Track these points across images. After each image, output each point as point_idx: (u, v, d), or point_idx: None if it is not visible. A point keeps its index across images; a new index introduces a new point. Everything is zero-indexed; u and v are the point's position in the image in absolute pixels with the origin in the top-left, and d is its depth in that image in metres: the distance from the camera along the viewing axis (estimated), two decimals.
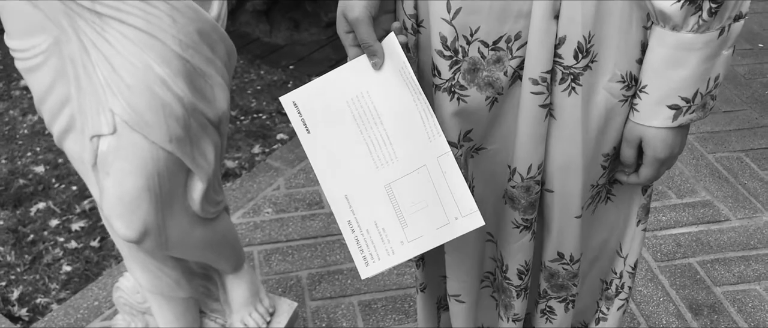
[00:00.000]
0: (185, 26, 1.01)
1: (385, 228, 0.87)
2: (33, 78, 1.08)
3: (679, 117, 0.86)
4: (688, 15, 0.79)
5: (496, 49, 0.86)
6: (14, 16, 1.03)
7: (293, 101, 0.89)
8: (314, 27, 3.32)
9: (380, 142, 0.87)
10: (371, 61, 0.86)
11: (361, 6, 0.84)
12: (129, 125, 1.04)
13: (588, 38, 0.84)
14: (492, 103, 0.91)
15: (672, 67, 0.83)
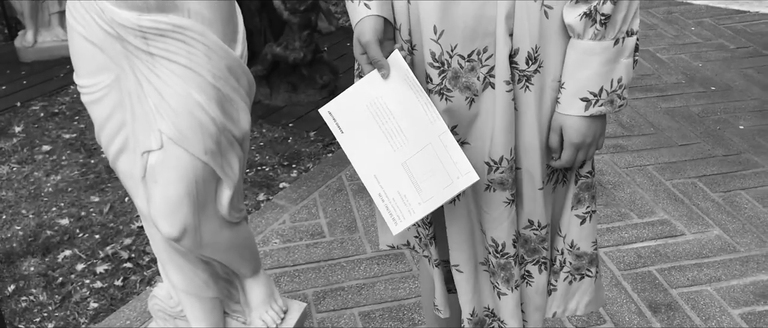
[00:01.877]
0: (218, 62, 1.31)
1: (406, 195, 1.16)
2: (95, 109, 1.37)
3: (590, 108, 1.15)
4: (587, 26, 1.09)
5: (470, 60, 1.15)
6: (84, 59, 1.33)
7: (328, 111, 1.19)
8: (310, 88, 3.64)
9: (395, 132, 1.16)
10: (380, 72, 1.15)
11: (370, 32, 1.14)
12: (173, 141, 1.32)
13: (535, 49, 1.14)
14: (470, 102, 1.19)
15: (580, 67, 1.13)
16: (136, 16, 1.24)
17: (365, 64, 1.17)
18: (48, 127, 3.47)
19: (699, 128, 3.15)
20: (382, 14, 1.16)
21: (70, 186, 2.95)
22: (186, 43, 1.27)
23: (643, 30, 4.31)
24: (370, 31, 1.14)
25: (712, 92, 3.49)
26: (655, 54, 3.97)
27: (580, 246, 1.33)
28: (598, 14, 1.08)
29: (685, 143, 3.02)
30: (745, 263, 2.26)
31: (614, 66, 1.13)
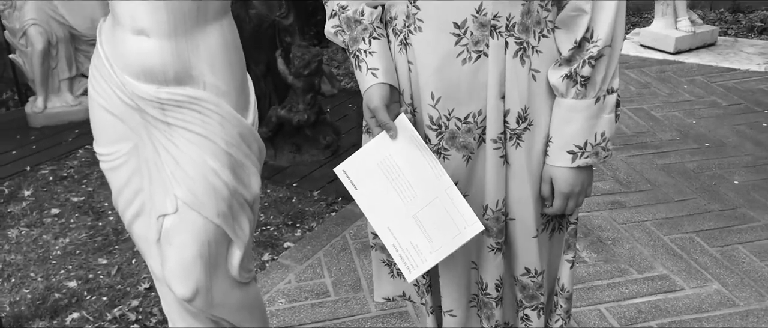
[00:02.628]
0: (231, 130, 1.39)
1: (418, 245, 1.24)
2: (114, 176, 1.45)
3: (577, 160, 1.24)
4: (569, 87, 1.20)
5: (467, 122, 1.25)
6: (104, 129, 1.41)
7: (343, 170, 1.29)
8: (314, 149, 3.73)
9: (405, 187, 1.25)
10: (389, 134, 1.24)
11: (378, 98, 1.24)
12: (188, 205, 1.39)
13: (525, 109, 1.23)
14: (467, 159, 1.28)
15: (565, 123, 1.22)
16: (155, 88, 1.32)
17: (374, 127, 1.27)
18: (57, 191, 3.54)
19: (695, 184, 3.22)
20: (389, 81, 1.26)
21: (78, 249, 3.00)
22: (201, 113, 1.35)
23: (636, 88, 4.43)
24: (377, 97, 1.24)
25: (707, 148, 3.58)
26: (649, 112, 4.07)
27: (568, 289, 1.41)
28: (578, 76, 1.18)
29: (681, 199, 3.08)
30: (744, 318, 2.29)
31: (597, 121, 1.22)
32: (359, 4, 1.28)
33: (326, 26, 1.34)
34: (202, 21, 1.33)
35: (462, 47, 1.20)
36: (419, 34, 1.22)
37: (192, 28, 1.32)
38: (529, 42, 1.21)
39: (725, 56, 4.96)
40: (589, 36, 1.18)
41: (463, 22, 1.18)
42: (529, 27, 1.20)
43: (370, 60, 1.26)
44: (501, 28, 1.18)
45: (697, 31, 5.09)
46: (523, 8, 1.18)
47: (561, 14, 1.20)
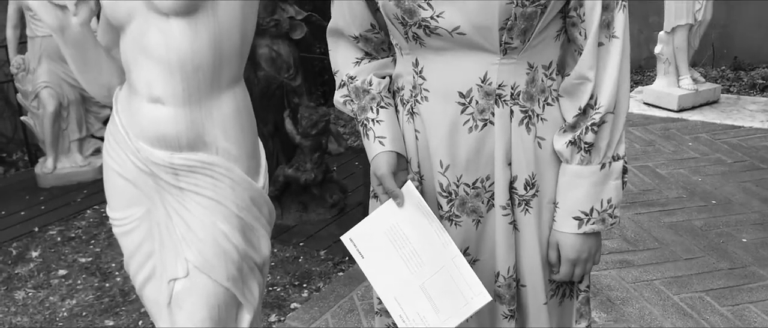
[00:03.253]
0: (242, 194, 1.41)
1: (425, 316, 1.23)
2: (126, 240, 1.46)
3: (583, 226, 1.24)
4: (574, 153, 1.21)
5: (475, 188, 1.26)
6: (117, 194, 1.43)
7: (349, 238, 1.28)
8: (321, 208, 3.74)
9: (411, 256, 1.24)
10: (396, 201, 1.25)
11: (385, 166, 1.25)
12: (199, 269, 1.40)
13: (532, 176, 1.24)
14: (477, 223, 1.29)
15: (571, 189, 1.23)
16: (169, 154, 1.35)
17: (382, 195, 1.28)
18: (64, 252, 3.55)
19: (703, 242, 3.21)
20: (396, 149, 1.27)
21: (85, 310, 2.99)
22: (213, 178, 1.37)
23: (641, 146, 4.45)
24: (384, 165, 1.25)
25: (713, 206, 3.57)
26: (654, 169, 4.09)
27: None
28: (582, 142, 1.20)
29: (690, 257, 3.07)
30: None
31: (603, 188, 1.23)
32: (368, 74, 1.31)
33: (335, 96, 1.36)
34: (216, 89, 1.37)
35: (468, 116, 1.22)
36: (426, 103, 1.24)
37: (206, 96, 1.35)
38: (534, 110, 1.22)
39: (728, 114, 5.01)
40: (593, 103, 1.19)
41: (468, 91, 1.20)
42: (534, 95, 1.22)
43: (377, 128, 1.28)
44: (506, 96, 1.20)
45: (699, 89, 5.15)
46: (527, 77, 1.20)
47: (565, 82, 1.22)
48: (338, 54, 1.35)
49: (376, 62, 1.33)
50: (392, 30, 1.23)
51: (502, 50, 1.16)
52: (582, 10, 1.16)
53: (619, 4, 1.16)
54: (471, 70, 1.19)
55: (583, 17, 1.16)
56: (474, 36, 1.14)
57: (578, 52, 1.20)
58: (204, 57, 1.33)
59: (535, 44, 1.17)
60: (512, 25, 1.12)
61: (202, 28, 1.32)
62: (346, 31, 1.32)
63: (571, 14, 1.18)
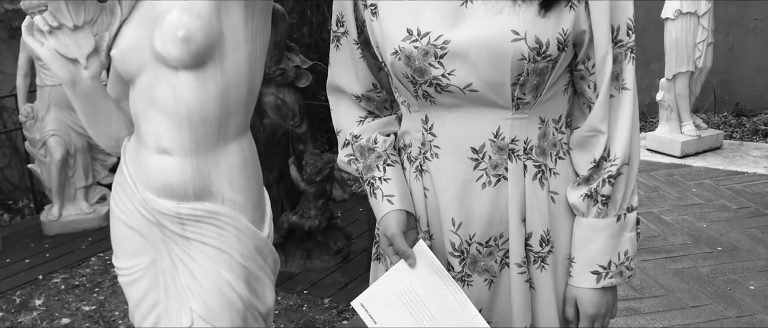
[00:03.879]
0: (247, 243, 1.42)
1: None
2: (131, 289, 1.47)
3: (601, 280, 1.21)
4: (590, 206, 1.19)
5: (488, 246, 1.23)
6: (124, 244, 1.44)
7: (361, 303, 1.22)
8: (325, 255, 3.73)
9: (427, 319, 1.19)
10: (407, 262, 1.21)
11: (395, 225, 1.22)
12: (203, 318, 1.40)
13: (547, 232, 1.22)
14: (489, 284, 1.25)
15: (587, 243, 1.21)
16: (175, 204, 1.36)
17: (392, 255, 1.23)
18: (68, 300, 3.53)
19: (709, 289, 3.18)
20: (405, 208, 1.24)
21: None
22: (219, 227, 1.39)
23: (645, 192, 4.46)
24: (394, 224, 1.22)
25: (719, 253, 3.56)
26: (659, 216, 4.08)
27: None
28: (599, 195, 1.18)
29: (696, 305, 3.04)
30: None
31: (619, 240, 1.21)
32: (372, 132, 1.30)
33: (339, 155, 1.34)
34: (223, 139, 1.39)
35: (481, 171, 1.20)
36: (436, 160, 1.22)
37: (213, 147, 1.38)
38: (547, 164, 1.21)
39: (732, 160, 5.02)
40: (607, 155, 1.18)
41: (481, 146, 1.18)
42: (546, 150, 1.21)
43: (385, 187, 1.25)
44: (519, 151, 1.19)
45: (702, 135, 5.18)
46: (539, 131, 1.19)
47: (576, 135, 1.21)
48: (340, 113, 1.33)
49: (379, 120, 1.32)
50: (400, 88, 1.22)
51: (515, 105, 1.15)
52: (590, 63, 1.16)
53: (627, 56, 1.16)
54: (484, 126, 1.17)
55: (592, 70, 1.16)
56: (486, 92, 1.13)
57: (587, 105, 1.20)
58: (211, 109, 1.35)
59: (545, 99, 1.17)
60: (525, 80, 1.11)
61: (210, 80, 1.34)
62: (347, 90, 1.31)
63: (579, 68, 1.18)
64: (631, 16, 1.16)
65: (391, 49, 1.16)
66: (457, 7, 1.12)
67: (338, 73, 1.31)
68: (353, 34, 1.26)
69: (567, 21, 1.11)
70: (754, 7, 6.26)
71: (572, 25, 1.11)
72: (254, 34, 1.39)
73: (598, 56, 1.14)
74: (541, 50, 1.09)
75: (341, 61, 1.30)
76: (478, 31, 1.10)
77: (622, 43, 1.15)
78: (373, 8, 1.20)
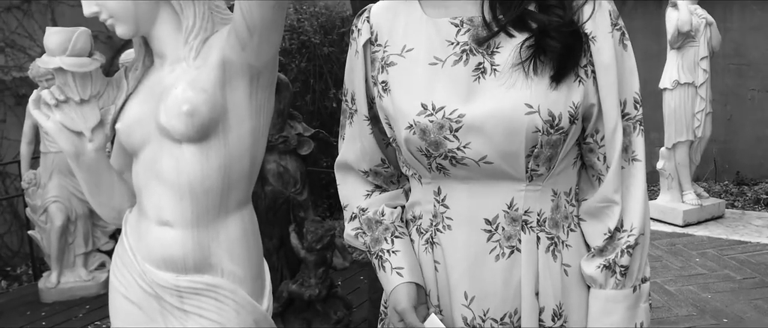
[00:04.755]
0: (245, 317, 1.40)
1: None
2: None
3: None
4: (608, 277, 1.18)
5: (504, 323, 1.20)
6: (122, 317, 1.42)
7: None
8: (325, 324, 3.68)
9: None
10: None
11: (405, 300, 1.19)
12: None
13: (559, 306, 1.20)
14: None
15: (605, 315, 1.19)
16: (174, 277, 1.35)
17: None
18: None
19: None
20: (415, 280, 1.22)
21: None
22: (218, 300, 1.37)
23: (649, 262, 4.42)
24: (405, 298, 1.19)
25: (725, 325, 3.50)
26: (663, 286, 4.04)
27: None
28: (617, 266, 1.18)
29: None
30: None
31: (635, 311, 1.20)
32: (379, 205, 1.29)
33: (346, 229, 1.33)
34: (224, 212, 1.39)
35: (495, 243, 1.18)
36: (448, 232, 1.20)
37: (214, 219, 1.38)
38: (560, 236, 1.20)
39: (734, 229, 5.00)
40: (620, 226, 1.18)
41: (494, 217, 1.18)
42: (559, 222, 1.20)
43: (394, 259, 1.23)
44: (532, 223, 1.18)
45: (704, 204, 5.17)
46: (552, 204, 1.19)
47: (588, 206, 1.21)
48: (347, 187, 1.33)
49: (386, 194, 1.31)
50: (411, 162, 1.21)
51: (529, 177, 1.15)
52: (598, 136, 1.18)
53: (636, 128, 1.18)
54: (497, 197, 1.17)
55: (601, 142, 1.18)
56: (501, 164, 1.14)
57: (596, 177, 1.21)
58: (214, 181, 1.36)
59: (558, 171, 1.18)
60: (539, 152, 1.12)
61: (213, 153, 1.35)
62: (355, 166, 1.31)
63: (588, 141, 1.19)
64: (637, 90, 1.18)
65: (406, 123, 1.16)
66: (470, 82, 1.14)
67: (347, 150, 1.32)
68: (364, 111, 1.27)
69: (577, 95, 1.13)
70: (750, 77, 6.36)
71: (582, 99, 1.14)
72: (258, 108, 1.41)
73: (607, 129, 1.16)
74: (553, 123, 1.11)
75: (351, 137, 1.31)
76: (493, 104, 1.12)
77: (630, 117, 1.18)
78: (384, 85, 1.21)
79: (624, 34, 1.18)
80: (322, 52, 6.12)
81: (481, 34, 1.15)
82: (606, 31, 1.14)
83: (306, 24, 6.15)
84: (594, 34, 1.14)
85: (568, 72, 1.13)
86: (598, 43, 1.14)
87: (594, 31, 1.14)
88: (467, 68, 1.15)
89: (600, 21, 1.15)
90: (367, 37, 1.24)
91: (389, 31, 1.23)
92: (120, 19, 1.34)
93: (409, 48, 1.20)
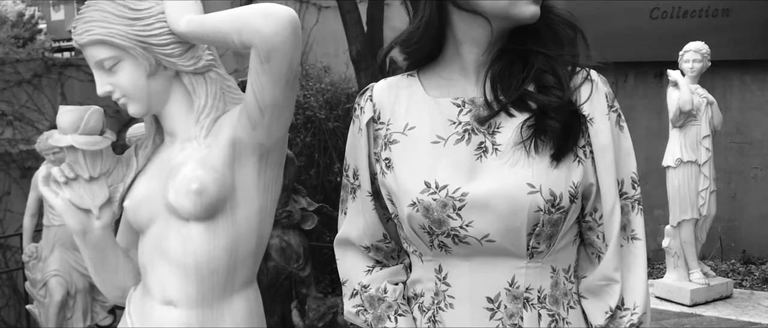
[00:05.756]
0: None
1: None
2: None
3: None
4: None
5: None
6: None
7: None
8: None
9: None
10: None
11: None
12: None
13: None
14: None
15: None
16: None
17: None
18: None
19: None
20: None
21: None
22: None
23: None
24: None
25: None
26: None
27: None
28: None
29: None
30: None
31: None
32: (381, 281, 1.28)
33: (346, 306, 1.32)
34: (229, 291, 1.37)
35: (497, 321, 1.18)
36: (451, 310, 1.20)
37: (219, 299, 1.36)
38: (560, 314, 1.20)
39: (744, 309, 4.91)
40: (621, 304, 1.19)
41: (496, 296, 1.17)
42: (559, 299, 1.20)
43: None
44: (533, 300, 1.18)
45: (711, 284, 5.10)
46: (551, 280, 1.19)
47: (588, 284, 1.21)
48: (347, 263, 1.32)
49: (388, 270, 1.30)
50: (413, 239, 1.21)
51: (529, 254, 1.16)
52: (597, 215, 1.19)
53: (635, 207, 1.20)
54: (499, 275, 1.17)
55: (600, 221, 1.19)
56: (503, 242, 1.14)
57: (596, 254, 1.21)
58: (220, 260, 1.35)
59: (558, 249, 1.18)
60: (540, 231, 1.13)
61: (220, 232, 1.35)
62: (357, 241, 1.30)
63: (587, 219, 1.20)
64: (635, 170, 1.21)
65: (409, 201, 1.17)
66: (473, 161, 1.15)
67: (348, 226, 1.31)
68: (366, 186, 1.27)
69: (577, 174, 1.15)
70: (753, 156, 6.39)
71: (581, 179, 1.15)
72: (266, 187, 1.41)
73: (606, 208, 1.17)
74: (554, 202, 1.12)
75: (354, 213, 1.31)
76: (496, 183, 1.13)
77: (628, 196, 1.20)
78: (387, 162, 1.22)
79: (620, 115, 1.21)
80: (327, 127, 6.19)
81: (483, 114, 1.18)
82: (603, 114, 1.18)
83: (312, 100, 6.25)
84: (591, 116, 1.17)
85: (568, 151, 1.15)
86: (595, 124, 1.17)
87: (591, 113, 1.17)
88: (469, 147, 1.17)
89: (597, 104, 1.18)
90: (370, 116, 1.25)
91: (392, 110, 1.25)
92: (133, 98, 1.36)
93: (412, 126, 1.22)
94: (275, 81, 1.27)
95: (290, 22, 1.24)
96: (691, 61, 5.05)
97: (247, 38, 1.24)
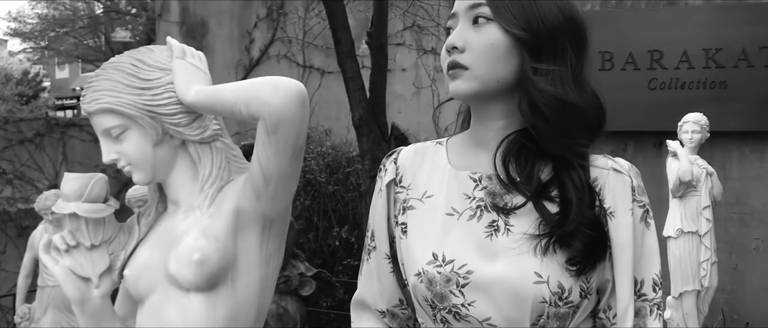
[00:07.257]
0: None
1: None
2: None
3: None
4: None
5: None
6: None
7: None
8: None
9: None
10: None
11: None
12: None
13: None
14: None
15: None
16: None
17: None
18: None
19: None
20: None
21: None
22: None
23: None
24: None
25: None
26: None
27: None
28: None
29: None
30: None
31: None
32: None
33: None
34: None
35: None
36: None
37: None
38: None
39: None
40: None
41: None
42: None
43: None
44: None
45: None
46: None
47: None
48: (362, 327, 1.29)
49: None
50: (419, 310, 1.19)
51: None
52: (611, 313, 1.13)
53: (653, 312, 1.14)
54: None
55: (613, 320, 1.13)
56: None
57: None
58: None
59: None
60: (544, 323, 1.08)
61: (220, 302, 1.33)
62: (372, 304, 1.28)
63: (600, 316, 1.15)
64: (658, 271, 1.15)
65: (415, 270, 1.14)
66: (483, 239, 1.12)
67: (365, 287, 1.29)
68: (385, 249, 1.25)
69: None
70: (754, 227, 6.36)
71: (597, 274, 1.10)
72: (268, 257, 1.39)
73: (620, 308, 1.11)
74: (562, 296, 1.07)
75: (369, 275, 1.28)
76: (502, 268, 1.09)
77: (647, 298, 1.14)
78: (403, 227, 1.20)
79: (648, 211, 1.15)
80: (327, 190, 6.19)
81: (497, 192, 1.14)
82: (626, 208, 1.12)
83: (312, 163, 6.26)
84: (613, 210, 1.11)
85: (588, 269, 1.08)
86: (616, 218, 1.11)
87: (613, 206, 1.12)
88: (480, 224, 1.13)
89: (620, 196, 1.12)
90: (391, 177, 1.24)
91: (413, 175, 1.23)
92: (138, 166, 1.36)
93: (430, 195, 1.19)
94: (281, 152, 1.27)
95: (298, 95, 1.25)
96: (690, 132, 5.08)
97: (255, 110, 1.25)
